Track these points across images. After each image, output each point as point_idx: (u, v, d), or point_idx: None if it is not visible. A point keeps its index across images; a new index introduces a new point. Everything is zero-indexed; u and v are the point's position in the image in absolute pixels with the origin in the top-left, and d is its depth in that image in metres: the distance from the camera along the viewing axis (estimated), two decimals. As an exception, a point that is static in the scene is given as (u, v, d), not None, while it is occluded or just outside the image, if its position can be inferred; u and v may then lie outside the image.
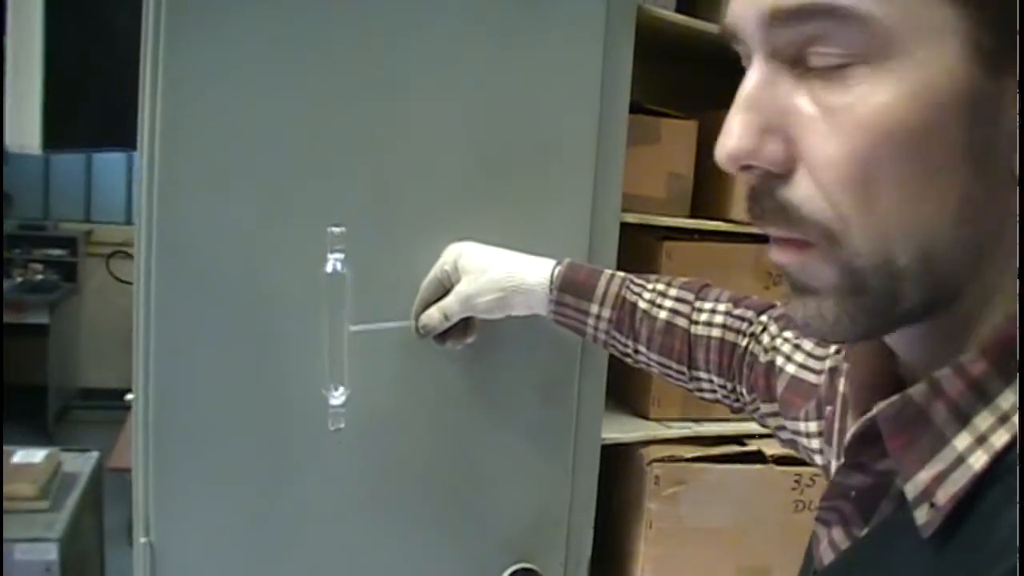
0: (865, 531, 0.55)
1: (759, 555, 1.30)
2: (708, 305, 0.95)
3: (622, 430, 1.30)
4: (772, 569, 1.31)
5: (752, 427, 1.35)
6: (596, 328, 0.99)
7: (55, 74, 1.07)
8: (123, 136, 1.04)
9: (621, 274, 1.00)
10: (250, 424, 1.07)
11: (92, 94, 1.14)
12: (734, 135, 0.47)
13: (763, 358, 0.86)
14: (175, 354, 1.04)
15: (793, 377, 0.81)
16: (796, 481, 1.28)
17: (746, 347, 0.90)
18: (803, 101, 0.45)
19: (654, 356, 0.97)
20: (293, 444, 1.09)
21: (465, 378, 1.14)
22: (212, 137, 1.02)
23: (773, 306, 0.94)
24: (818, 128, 0.45)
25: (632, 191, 1.26)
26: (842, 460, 0.55)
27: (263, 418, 1.07)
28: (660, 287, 0.98)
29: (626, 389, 1.38)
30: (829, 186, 0.45)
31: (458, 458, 1.15)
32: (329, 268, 0.97)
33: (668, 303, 0.96)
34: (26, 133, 1.08)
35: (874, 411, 0.49)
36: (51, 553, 1.57)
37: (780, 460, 1.29)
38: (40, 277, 4.95)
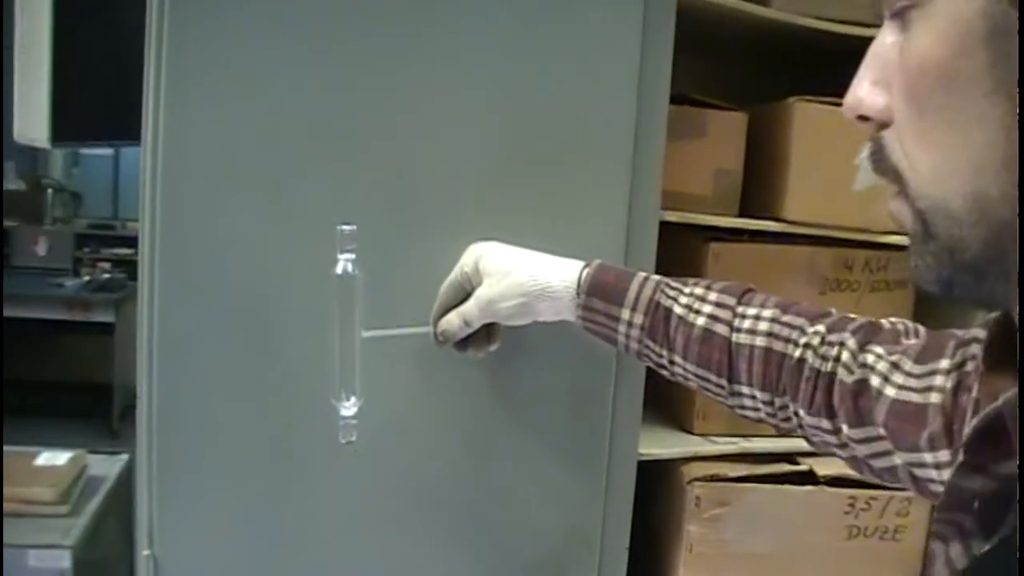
0: (986, 548, 0.48)
1: (809, 582, 1.20)
2: (752, 311, 0.86)
3: (662, 445, 1.21)
4: (823, 599, 1.21)
5: (802, 445, 1.25)
6: (628, 336, 0.90)
7: (62, 67, 1.02)
8: (134, 131, 0.99)
9: (656, 277, 0.92)
10: (257, 434, 1.01)
11: (101, 87, 1.09)
12: (852, 88, 0.54)
13: (847, 377, 0.76)
14: (179, 361, 0.99)
15: (895, 400, 0.72)
16: (850, 504, 1.17)
17: (799, 358, 0.81)
18: (894, 51, 0.51)
19: (691, 367, 0.88)
20: (301, 456, 1.02)
21: (488, 388, 1.06)
22: (216, 131, 0.96)
23: (828, 314, 0.85)
24: (895, 72, 0.51)
25: (676, 188, 1.18)
26: (961, 458, 0.51)
27: (270, 428, 1.01)
28: (698, 291, 0.89)
29: (668, 400, 1.29)
30: (897, 127, 0.51)
31: (480, 474, 1.08)
32: (339, 269, 0.91)
33: (707, 308, 0.87)
34: (35, 126, 1.04)
35: (999, 401, 0.46)
36: (64, 560, 1.53)
37: (833, 481, 1.18)
38: (107, 276, 4.99)
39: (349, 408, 0.93)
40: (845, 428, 0.77)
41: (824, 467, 1.19)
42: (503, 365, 1.04)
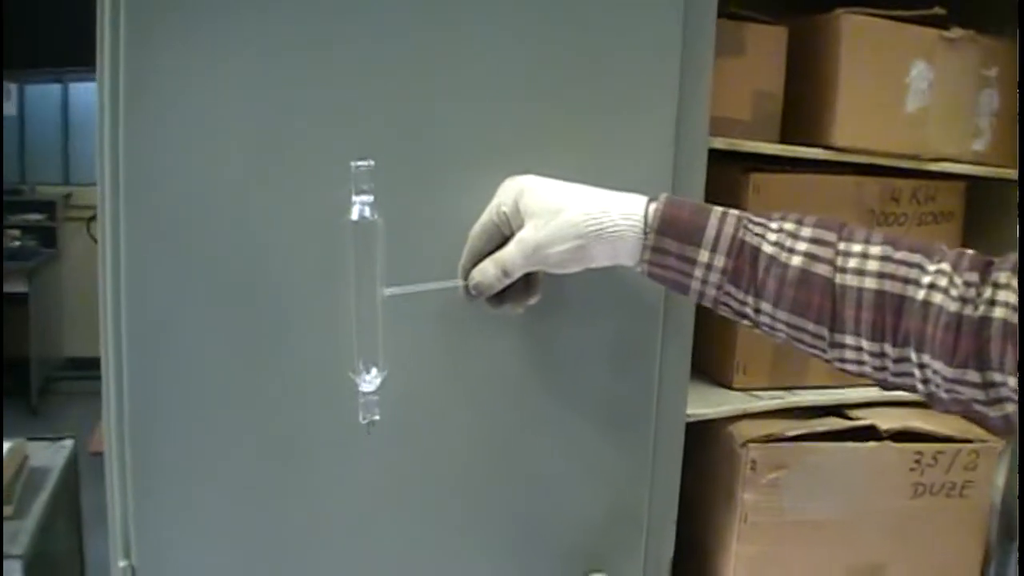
0: None
1: (872, 551, 1.08)
2: (857, 247, 0.73)
3: (706, 404, 1.07)
4: (887, 567, 1.09)
5: (856, 395, 1.13)
6: (705, 281, 0.76)
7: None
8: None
9: (735, 211, 0.77)
10: (254, 418, 0.86)
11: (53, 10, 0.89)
12: None
13: (1009, 316, 0.64)
14: (153, 336, 0.82)
15: None
16: (916, 461, 1.05)
17: (924, 301, 0.68)
18: None
19: (782, 316, 0.74)
20: (306, 443, 0.87)
21: (521, 349, 0.91)
22: (194, 48, 0.78)
23: (939, 248, 0.72)
24: None
25: (711, 113, 1.02)
26: None
27: (270, 410, 0.86)
28: (788, 226, 0.75)
29: (703, 353, 1.15)
30: None
31: (513, 450, 0.94)
32: (354, 215, 0.74)
33: (802, 246, 0.73)
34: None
35: None
36: (15, 573, 1.32)
37: (897, 436, 1.06)
38: (17, 243, 4.71)
39: (370, 381, 0.77)
40: (1000, 377, 0.65)
41: (885, 420, 1.07)
42: (539, 321, 0.89)
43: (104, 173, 0.79)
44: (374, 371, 0.77)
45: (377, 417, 0.77)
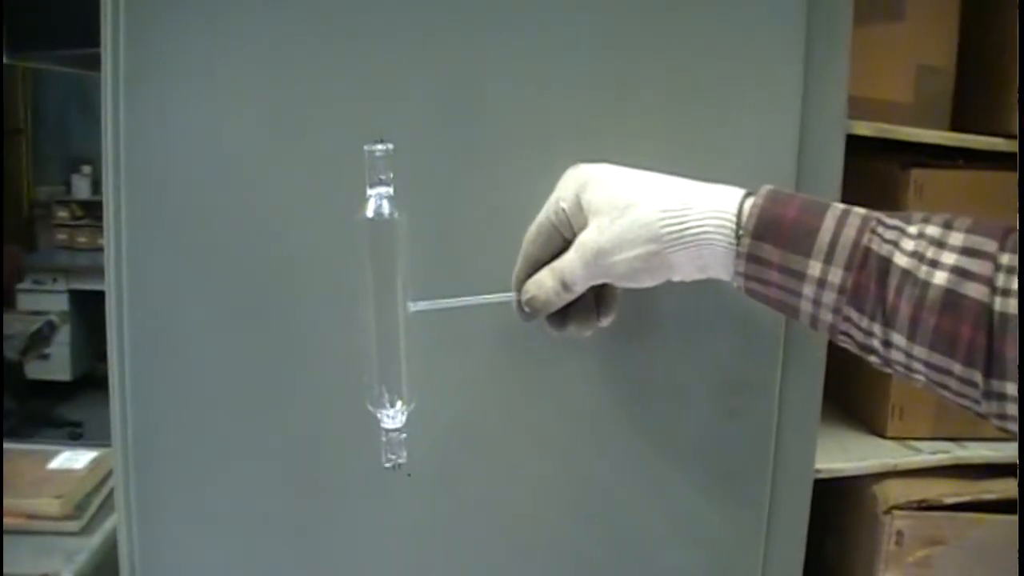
0: None
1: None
2: None
3: (844, 456, 0.87)
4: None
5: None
6: (818, 302, 0.58)
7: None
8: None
9: (860, 210, 0.58)
10: (264, 455, 0.73)
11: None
12: None
13: None
14: (157, 346, 0.71)
15: None
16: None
17: None
18: None
19: (920, 351, 0.55)
20: (326, 486, 0.74)
21: (598, 378, 0.75)
22: (197, 23, 0.67)
23: None
24: None
25: (861, 92, 0.83)
26: None
27: (281, 449, 0.73)
28: (933, 231, 0.55)
29: (852, 394, 0.95)
30: None
31: (589, 502, 0.77)
32: (369, 211, 0.61)
33: (949, 258, 0.54)
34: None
35: None
36: None
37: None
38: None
39: (394, 417, 0.63)
40: None
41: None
42: (621, 343, 0.73)
43: (108, 166, 0.69)
44: (399, 404, 0.63)
45: (403, 459, 0.64)
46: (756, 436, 0.77)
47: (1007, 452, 0.90)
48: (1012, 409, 0.53)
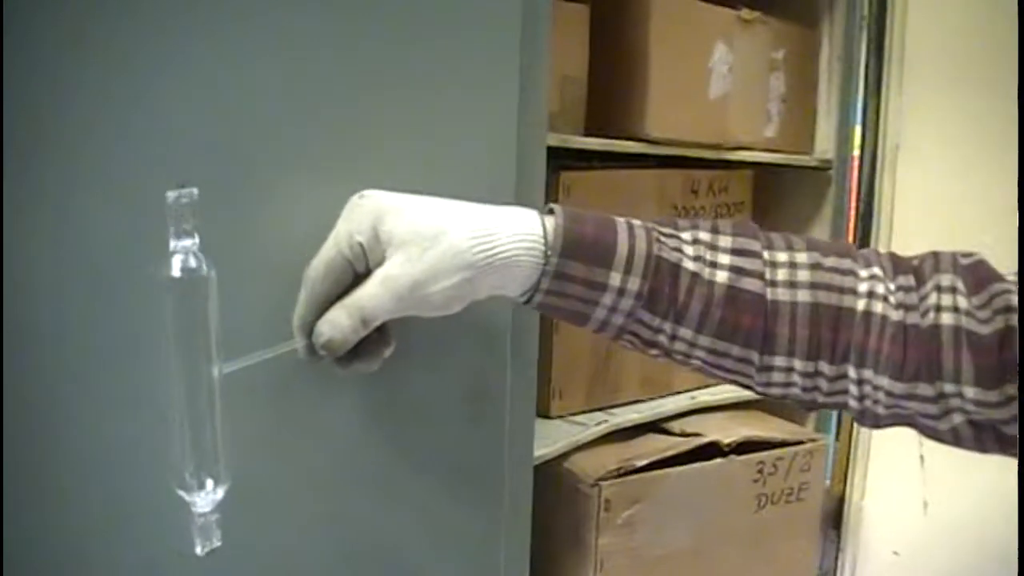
0: None
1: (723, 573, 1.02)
2: (782, 256, 0.64)
3: (540, 441, 0.94)
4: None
5: (670, 405, 1.05)
6: (614, 309, 0.62)
7: None
8: None
9: (637, 221, 0.64)
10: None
11: None
12: None
13: (977, 327, 0.59)
14: None
15: None
16: (759, 471, 1.00)
17: (865, 311, 0.61)
18: None
19: (704, 341, 0.63)
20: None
21: (357, 416, 0.72)
22: None
23: (853, 250, 0.66)
24: None
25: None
26: None
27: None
28: (703, 236, 0.64)
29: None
30: None
31: (356, 543, 0.74)
32: (175, 269, 0.51)
33: (725, 258, 0.63)
34: None
35: None
36: None
37: (738, 448, 1.00)
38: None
39: (206, 496, 0.55)
40: (952, 388, 0.60)
41: (715, 431, 1.01)
42: (370, 378, 0.69)
43: None
44: (210, 482, 0.54)
45: (219, 543, 0.55)
46: (491, 437, 0.80)
47: (645, 412, 1.05)
48: (777, 377, 0.64)
